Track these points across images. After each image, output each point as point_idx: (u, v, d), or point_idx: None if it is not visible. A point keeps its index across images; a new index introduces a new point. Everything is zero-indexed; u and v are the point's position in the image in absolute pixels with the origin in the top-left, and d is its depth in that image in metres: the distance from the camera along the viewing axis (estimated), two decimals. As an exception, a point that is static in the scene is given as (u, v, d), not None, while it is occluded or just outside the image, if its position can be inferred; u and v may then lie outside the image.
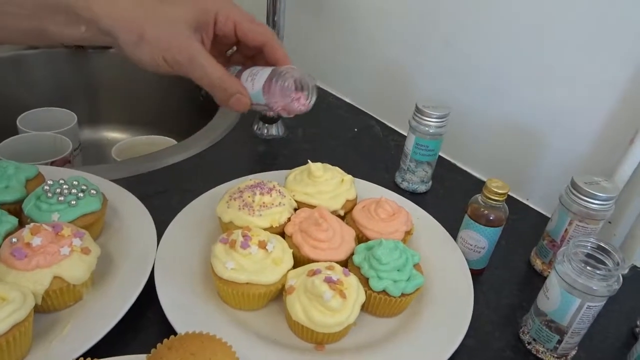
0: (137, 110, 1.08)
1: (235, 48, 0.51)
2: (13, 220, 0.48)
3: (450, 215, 0.65)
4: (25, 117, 0.93)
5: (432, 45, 0.81)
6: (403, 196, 0.68)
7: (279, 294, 0.49)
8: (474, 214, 0.57)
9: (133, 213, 0.57)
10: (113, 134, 1.07)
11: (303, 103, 0.47)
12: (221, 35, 0.48)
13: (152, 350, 0.38)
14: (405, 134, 0.89)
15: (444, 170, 0.80)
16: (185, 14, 0.44)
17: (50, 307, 0.44)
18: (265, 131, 0.84)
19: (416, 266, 0.52)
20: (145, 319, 0.48)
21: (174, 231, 0.55)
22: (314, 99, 0.48)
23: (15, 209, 0.51)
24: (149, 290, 0.48)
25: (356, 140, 0.87)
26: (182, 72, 0.44)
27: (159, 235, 0.54)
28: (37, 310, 0.43)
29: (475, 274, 0.59)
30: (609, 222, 0.66)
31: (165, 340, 0.38)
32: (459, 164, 0.83)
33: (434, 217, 0.65)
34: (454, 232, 0.61)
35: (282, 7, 0.75)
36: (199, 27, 0.45)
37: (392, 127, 0.92)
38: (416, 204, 0.67)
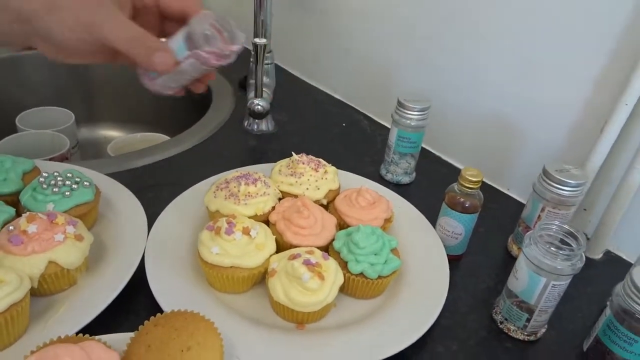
0: (132, 108, 1.11)
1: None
2: (10, 211, 0.51)
3: (432, 205, 0.67)
4: (24, 116, 0.96)
5: (414, 42, 0.83)
6: (387, 187, 0.71)
7: (262, 278, 0.52)
8: (451, 202, 0.60)
9: (125, 204, 0.60)
10: (109, 132, 1.10)
11: (231, 46, 0.45)
12: (142, 8, 0.47)
13: (140, 327, 0.41)
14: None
15: (427, 162, 0.82)
16: None
17: (46, 290, 0.47)
18: (256, 127, 0.86)
19: (393, 251, 0.54)
20: (137, 302, 0.51)
21: (164, 221, 0.58)
22: (241, 37, 0.45)
23: (13, 200, 0.54)
24: (141, 276, 0.51)
25: (344, 135, 0.90)
26: (97, 35, 0.41)
27: (150, 225, 0.57)
28: (34, 293, 0.46)
29: (454, 260, 0.61)
30: (584, 210, 0.68)
31: (152, 317, 0.41)
32: (442, 156, 0.85)
33: (417, 207, 0.67)
34: (435, 220, 0.64)
35: (268, 6, 0.78)
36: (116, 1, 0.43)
37: (379, 121, 0.95)
38: (400, 194, 0.70)
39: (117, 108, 1.10)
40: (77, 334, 0.42)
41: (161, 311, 0.47)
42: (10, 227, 0.47)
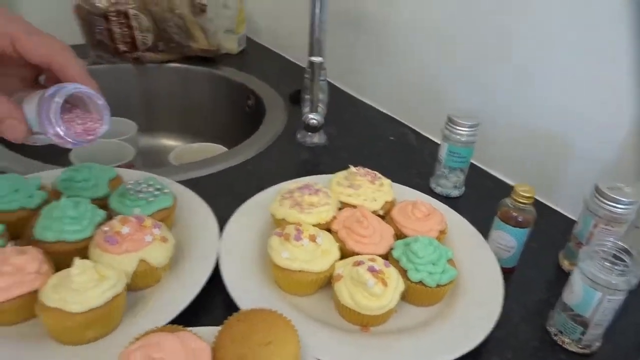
0: (189, 119, 1.17)
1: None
2: (103, 214, 0.56)
3: (480, 217, 0.70)
4: (92, 126, 1.03)
5: (461, 57, 0.87)
6: (438, 200, 0.74)
7: (327, 282, 0.56)
8: (504, 216, 0.62)
9: (197, 210, 0.65)
10: (168, 141, 1.17)
11: (91, 129, 0.40)
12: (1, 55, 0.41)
13: (224, 321, 0.45)
14: (437, 141, 0.95)
15: (475, 176, 0.85)
16: None
17: (135, 286, 0.52)
18: (308, 139, 0.91)
19: (449, 261, 0.57)
20: (210, 299, 0.55)
21: (232, 226, 0.63)
22: (105, 124, 0.40)
23: (102, 204, 0.59)
24: (213, 276, 0.55)
25: (392, 148, 0.94)
26: None
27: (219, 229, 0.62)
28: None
29: (507, 273, 0.64)
30: (636, 227, 0.69)
31: (234, 313, 0.46)
32: (489, 170, 0.88)
33: (466, 220, 0.70)
34: (484, 233, 0.66)
35: (323, 24, 0.82)
36: None
37: (425, 134, 0.98)
38: (450, 207, 0.73)
39: (175, 118, 1.17)
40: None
41: (233, 308, 0.52)
42: (105, 229, 0.52)
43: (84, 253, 0.51)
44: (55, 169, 0.70)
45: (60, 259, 0.51)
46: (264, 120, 0.97)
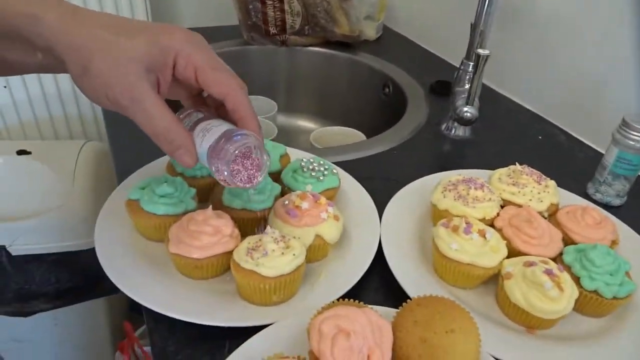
0: (325, 102, 1.21)
1: None
2: (279, 187, 0.61)
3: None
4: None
5: (625, 57, 0.79)
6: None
7: (491, 278, 0.55)
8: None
9: (354, 191, 0.67)
10: (303, 122, 1.22)
11: (245, 179, 0.43)
12: (182, 80, 0.44)
13: (404, 304, 0.47)
14: (590, 144, 0.89)
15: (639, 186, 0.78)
16: (140, 50, 0.40)
17: (307, 259, 0.55)
18: (453, 131, 0.90)
19: (626, 274, 0.54)
20: (370, 278, 0.57)
21: (391, 210, 0.64)
22: (261, 178, 0.43)
23: (275, 178, 0.64)
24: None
25: (540, 148, 0.89)
26: (124, 114, 0.41)
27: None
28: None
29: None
30: None
31: (414, 297, 0.47)
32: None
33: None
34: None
35: (489, 16, 0.80)
36: (154, 67, 0.41)
37: (578, 137, 0.92)
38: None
39: (314, 101, 1.21)
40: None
41: (389, 290, 0.53)
42: (286, 202, 0.56)
43: (263, 222, 0.56)
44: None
45: (242, 224, 0.56)
46: (407, 111, 0.97)
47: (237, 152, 0.43)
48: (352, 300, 0.46)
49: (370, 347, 0.42)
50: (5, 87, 1.34)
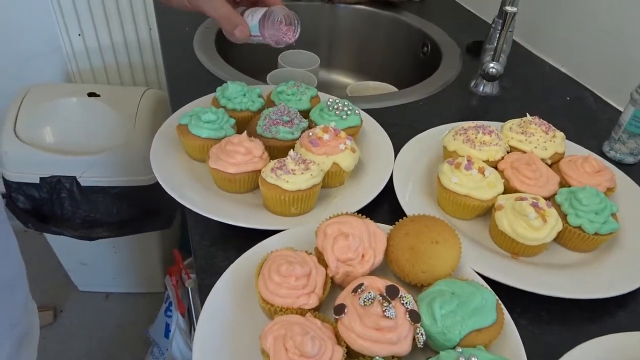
0: (365, 59, 1.27)
1: None
2: (306, 122, 0.69)
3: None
4: (283, 56, 1.19)
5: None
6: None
7: (486, 212, 0.62)
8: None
9: (375, 132, 0.75)
10: (342, 78, 1.29)
11: (289, 35, 0.62)
12: None
13: (399, 220, 0.55)
14: (619, 108, 0.91)
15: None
16: None
17: (325, 184, 0.64)
18: (481, 88, 0.94)
19: (613, 215, 0.59)
20: (380, 206, 0.65)
21: (407, 150, 0.71)
22: (298, 32, 0.63)
23: (304, 115, 0.72)
24: (384, 189, 0.65)
25: (567, 108, 0.92)
26: (198, 7, 0.60)
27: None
28: (317, 184, 0.63)
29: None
30: None
31: (409, 215, 0.55)
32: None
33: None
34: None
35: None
36: None
37: (606, 99, 0.94)
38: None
39: (353, 56, 1.28)
40: (350, 216, 0.58)
41: (398, 215, 0.61)
42: (310, 133, 0.65)
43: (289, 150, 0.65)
44: (269, 86, 0.85)
45: (273, 151, 0.65)
46: (440, 67, 1.02)
47: (280, 17, 0.61)
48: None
49: (365, 248, 0.51)
50: (79, 34, 1.49)
